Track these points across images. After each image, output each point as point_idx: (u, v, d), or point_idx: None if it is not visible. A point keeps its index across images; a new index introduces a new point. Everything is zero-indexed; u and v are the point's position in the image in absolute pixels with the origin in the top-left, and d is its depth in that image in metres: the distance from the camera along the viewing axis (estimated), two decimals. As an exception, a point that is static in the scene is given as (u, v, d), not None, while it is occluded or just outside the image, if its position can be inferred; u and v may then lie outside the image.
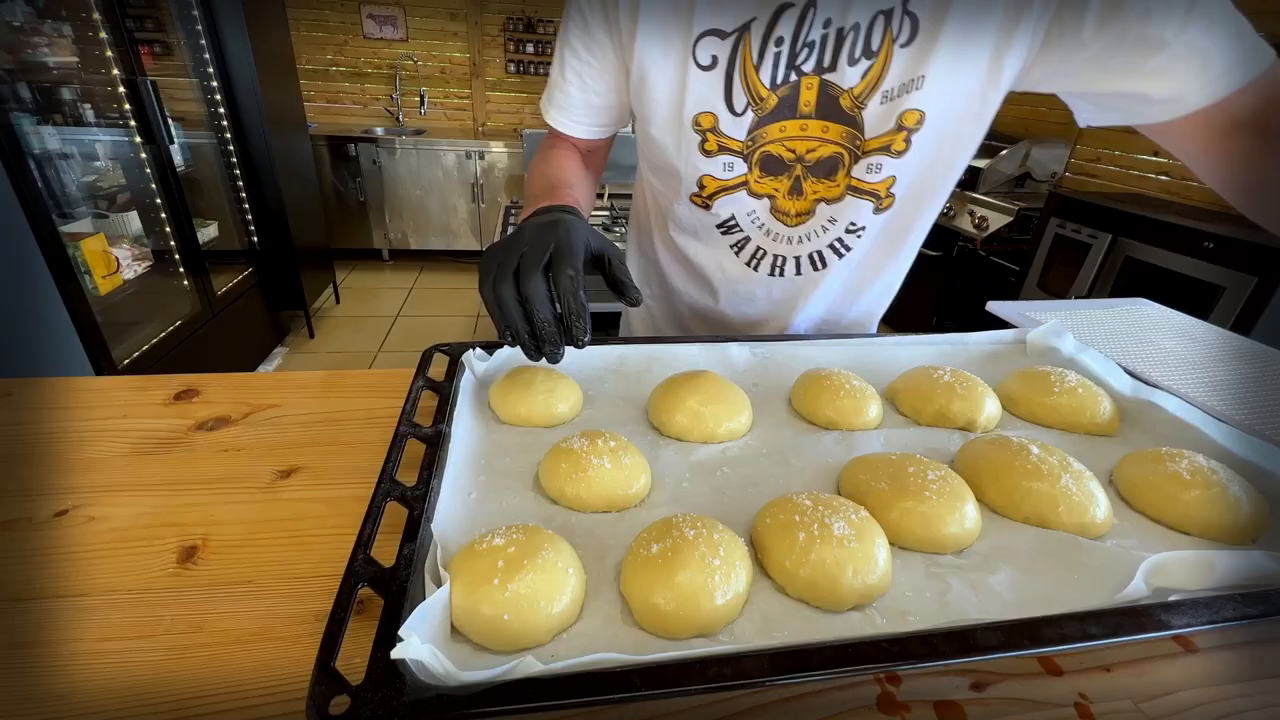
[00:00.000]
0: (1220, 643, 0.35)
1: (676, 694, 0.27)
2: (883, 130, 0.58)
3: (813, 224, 0.64)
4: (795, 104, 0.57)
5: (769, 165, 0.61)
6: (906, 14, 0.52)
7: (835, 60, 0.55)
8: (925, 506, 0.40)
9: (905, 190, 0.62)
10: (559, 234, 0.45)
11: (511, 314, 0.43)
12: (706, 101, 0.58)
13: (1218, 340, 0.75)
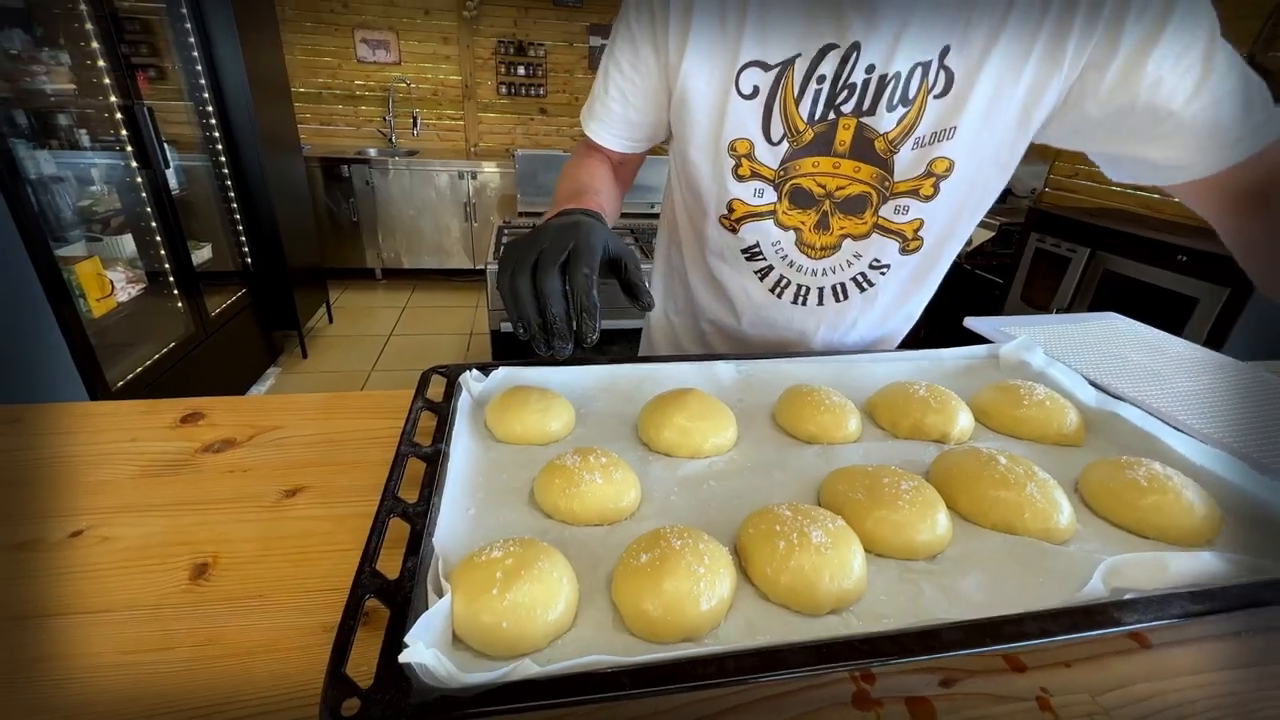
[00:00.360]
0: (1173, 639, 0.38)
1: (663, 692, 0.29)
2: (913, 175, 0.60)
3: (838, 258, 0.67)
4: (831, 141, 0.60)
5: (798, 198, 0.64)
6: (943, 68, 0.55)
7: (875, 105, 0.57)
8: (899, 515, 0.42)
9: (931, 235, 0.64)
10: (579, 234, 0.46)
11: (526, 306, 0.45)
12: (744, 128, 0.61)
13: (1182, 352, 0.78)
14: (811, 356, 0.66)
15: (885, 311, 0.73)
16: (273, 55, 2.68)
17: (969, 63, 0.54)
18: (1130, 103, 0.53)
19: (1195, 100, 0.51)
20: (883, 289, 0.69)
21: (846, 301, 0.70)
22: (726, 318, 0.76)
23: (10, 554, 0.39)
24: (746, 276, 0.71)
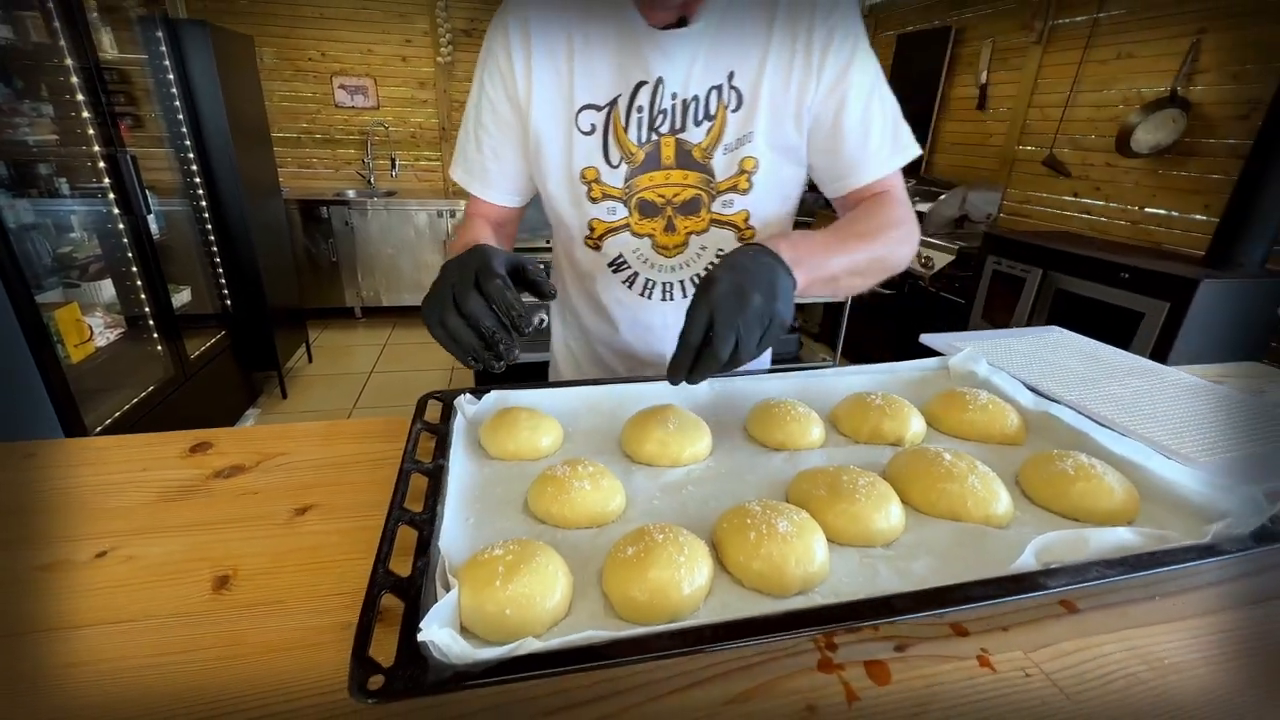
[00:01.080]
0: (1096, 604, 0.43)
1: (652, 658, 0.33)
2: (729, 174, 0.72)
3: (688, 254, 0.76)
4: (659, 158, 0.71)
5: (645, 209, 0.74)
6: (732, 88, 0.68)
7: (685, 123, 0.69)
8: (857, 508, 0.47)
9: (759, 222, 0.75)
10: (477, 258, 0.53)
11: (463, 337, 0.51)
12: (589, 158, 0.71)
13: (1114, 358, 0.86)
14: (778, 373, 0.72)
15: None
16: (253, 102, 2.75)
17: (750, 82, 0.67)
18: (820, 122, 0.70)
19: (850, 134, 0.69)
20: None
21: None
22: (610, 333, 0.83)
23: (39, 574, 0.42)
24: (617, 287, 0.79)
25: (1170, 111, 2.41)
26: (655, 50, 0.66)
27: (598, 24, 0.67)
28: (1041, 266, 2.24)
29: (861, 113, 0.68)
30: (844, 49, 0.66)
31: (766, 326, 0.52)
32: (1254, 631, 0.41)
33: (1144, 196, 2.58)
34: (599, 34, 0.67)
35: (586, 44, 0.67)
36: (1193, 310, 1.74)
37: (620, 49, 0.67)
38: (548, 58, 0.68)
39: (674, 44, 0.65)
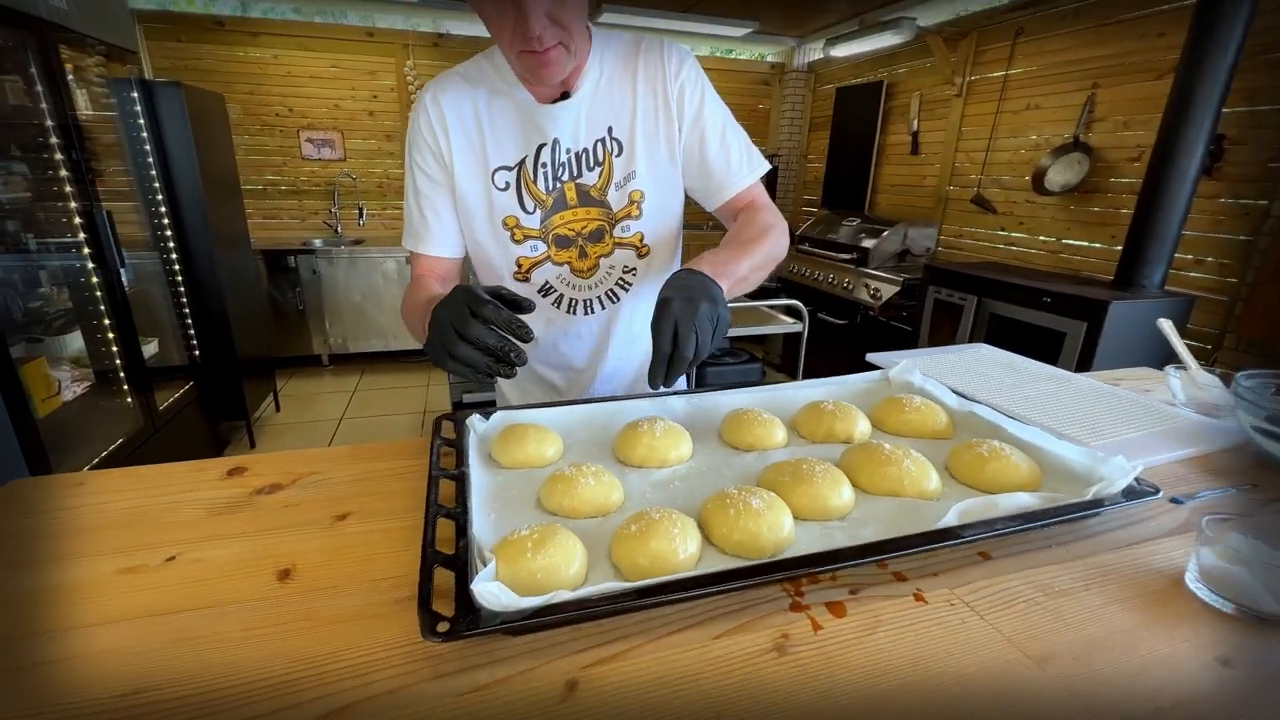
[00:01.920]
0: (1005, 553, 0.54)
1: (659, 604, 0.42)
2: (622, 206, 0.86)
3: (600, 274, 0.90)
4: (565, 201, 0.85)
5: (560, 242, 0.87)
6: (613, 139, 0.84)
7: (580, 170, 0.84)
8: (815, 489, 0.57)
9: (652, 240, 0.89)
10: (461, 294, 0.62)
11: (474, 360, 0.59)
12: (508, 209, 0.85)
13: (1029, 367, 1.00)
14: (746, 388, 0.83)
15: (647, 302, 0.94)
16: (225, 156, 2.81)
17: (626, 132, 0.84)
18: (690, 151, 0.86)
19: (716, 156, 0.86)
20: (638, 287, 0.92)
21: (618, 302, 0.93)
22: (548, 350, 0.94)
23: (120, 576, 0.48)
24: (547, 309, 0.92)
25: (1075, 155, 2.72)
26: (547, 119, 0.81)
27: (499, 102, 0.82)
28: (976, 294, 2.46)
29: (719, 144, 0.85)
30: (694, 98, 0.84)
31: (715, 324, 0.64)
32: (1123, 566, 0.52)
33: (1060, 229, 2.86)
34: (500, 110, 0.82)
35: (492, 118, 0.82)
36: (1106, 328, 1.95)
37: (520, 120, 0.82)
38: (461, 132, 0.82)
39: (561, 112, 0.80)
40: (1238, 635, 0.45)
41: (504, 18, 0.67)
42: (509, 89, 0.80)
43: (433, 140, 0.83)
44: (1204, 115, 1.95)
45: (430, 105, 0.82)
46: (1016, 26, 3.00)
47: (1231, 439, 0.77)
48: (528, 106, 0.80)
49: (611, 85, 0.83)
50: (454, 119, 0.82)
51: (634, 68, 0.83)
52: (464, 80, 0.83)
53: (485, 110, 0.82)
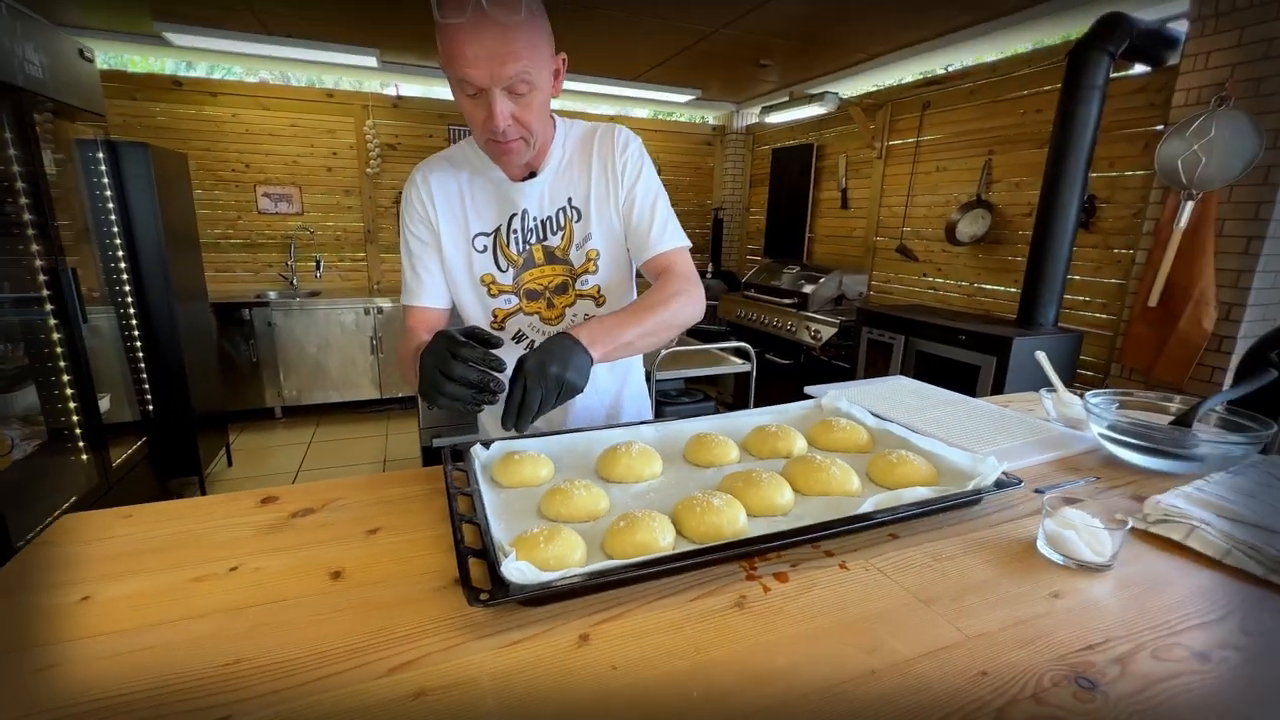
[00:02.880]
0: (909, 534, 0.69)
1: (648, 577, 0.55)
2: (581, 263, 1.01)
3: (565, 321, 1.04)
4: (534, 260, 1.01)
5: (530, 295, 1.02)
6: (573, 208, 1.00)
7: (546, 234, 1.00)
8: (763, 491, 0.72)
9: (608, 291, 1.04)
10: (441, 340, 0.74)
11: (461, 394, 0.71)
12: (485, 268, 1.00)
13: (934, 394, 1.20)
14: (703, 417, 0.98)
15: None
16: (185, 213, 2.85)
17: (583, 201, 0.99)
18: (624, 215, 1.01)
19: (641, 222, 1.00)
20: None
21: None
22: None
23: (193, 584, 0.57)
24: (518, 352, 1.03)
25: (979, 210, 3.09)
26: (518, 194, 0.97)
27: (478, 180, 0.98)
28: (904, 334, 2.73)
29: (647, 212, 1.00)
30: (633, 171, 1.00)
31: (560, 388, 0.73)
32: (993, 537, 0.69)
33: (972, 275, 3.22)
34: (480, 187, 0.98)
35: (473, 194, 0.98)
36: (1011, 362, 2.23)
37: (496, 194, 0.98)
38: (446, 205, 0.98)
39: (529, 188, 0.97)
40: (1067, 578, 0.61)
41: (478, 112, 0.82)
42: (486, 169, 0.97)
43: (422, 210, 0.98)
44: (1075, 180, 2.30)
45: (420, 183, 0.98)
46: (924, 100, 3.42)
47: (1087, 444, 0.97)
48: (502, 184, 0.97)
49: (572, 164, 1.00)
50: (440, 194, 0.98)
51: (590, 148, 1.00)
52: (449, 162, 0.99)
53: (467, 187, 0.99)
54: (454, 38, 0.76)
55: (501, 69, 0.77)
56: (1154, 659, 0.50)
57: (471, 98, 0.81)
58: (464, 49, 0.76)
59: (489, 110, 0.80)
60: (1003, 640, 0.52)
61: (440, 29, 0.77)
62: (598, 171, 1.00)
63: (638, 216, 1.00)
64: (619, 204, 1.00)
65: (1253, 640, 0.53)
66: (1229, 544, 0.65)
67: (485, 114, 0.81)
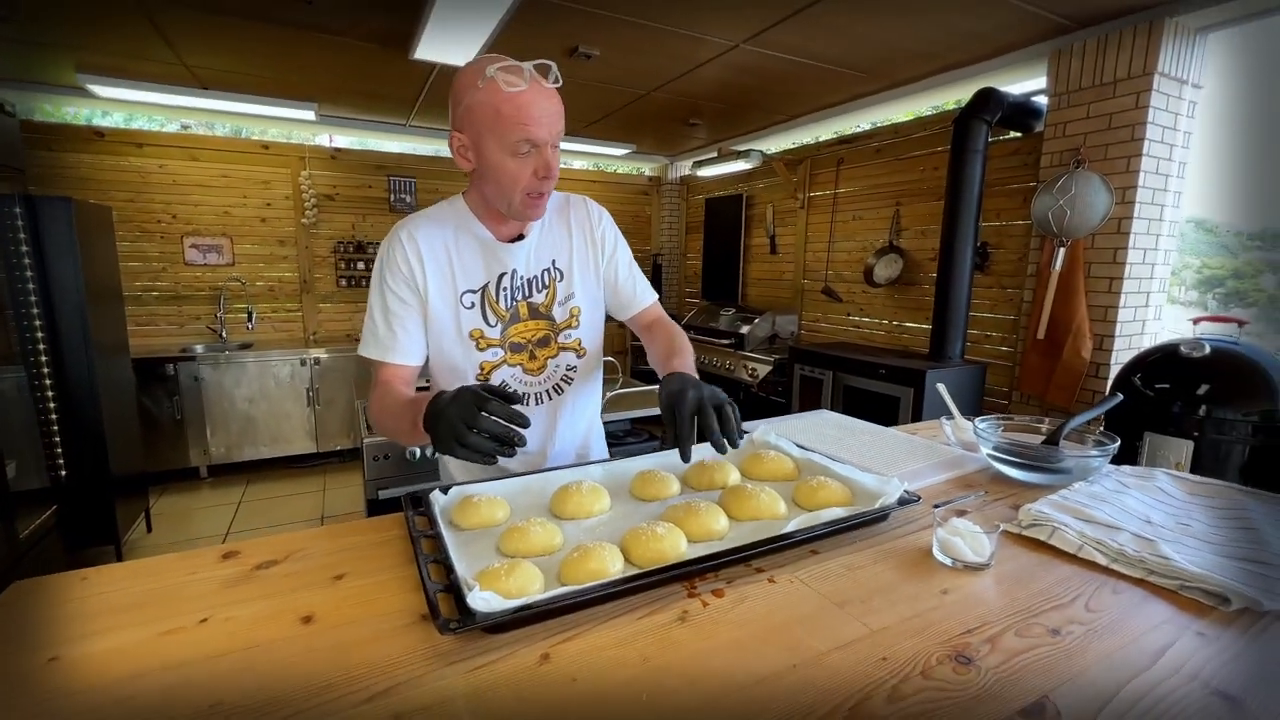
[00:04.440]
0: (828, 549, 0.79)
1: (599, 600, 0.62)
2: (564, 319, 1.11)
3: (547, 372, 1.13)
4: (520, 315, 1.08)
5: (516, 349, 1.09)
6: (557, 269, 1.10)
7: (531, 291, 1.09)
8: (701, 519, 0.81)
9: (588, 344, 1.15)
10: (469, 395, 0.79)
11: (484, 446, 0.76)
12: (474, 323, 1.06)
13: (854, 425, 1.33)
14: (647, 455, 1.06)
15: (583, 392, 1.19)
16: (109, 267, 2.74)
17: (565, 263, 1.10)
18: (608, 280, 1.16)
19: (625, 284, 1.17)
20: (577, 381, 1.16)
21: (561, 395, 1.15)
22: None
23: (164, 636, 0.59)
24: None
25: (892, 255, 3.40)
26: (507, 254, 1.05)
27: (465, 239, 1.04)
28: (832, 369, 2.93)
29: (627, 275, 1.16)
30: (611, 241, 1.14)
31: (724, 402, 0.86)
32: (898, 548, 0.80)
33: (890, 313, 3.50)
34: (466, 245, 1.04)
35: (460, 252, 1.04)
36: (926, 392, 2.44)
37: (483, 254, 1.05)
38: (434, 263, 1.02)
39: (518, 249, 1.06)
40: (954, 577, 0.73)
41: (524, 168, 0.92)
42: (472, 229, 1.04)
43: (407, 270, 1.01)
44: (968, 229, 2.60)
45: (406, 241, 1.01)
46: (838, 157, 3.77)
47: (979, 464, 1.12)
48: (490, 243, 1.04)
49: (552, 229, 1.10)
50: (429, 254, 1.02)
51: (566, 216, 1.11)
52: (433, 221, 1.04)
53: (454, 246, 1.04)
54: (519, 103, 0.87)
55: (555, 126, 0.92)
56: (1017, 636, 0.61)
57: (522, 156, 0.91)
58: (530, 111, 0.88)
59: (543, 162, 0.92)
60: (900, 631, 0.62)
61: (503, 98, 0.87)
62: (578, 238, 1.11)
63: (621, 280, 1.16)
64: (599, 269, 1.13)
65: (1095, 616, 0.65)
66: (1081, 540, 0.79)
67: (535, 167, 0.92)
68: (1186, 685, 0.54)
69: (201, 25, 2.52)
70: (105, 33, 2.61)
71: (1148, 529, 0.82)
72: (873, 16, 2.29)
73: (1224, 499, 0.94)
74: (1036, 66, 2.60)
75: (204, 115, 3.93)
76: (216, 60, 2.95)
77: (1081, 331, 2.36)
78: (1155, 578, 0.72)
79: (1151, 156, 2.24)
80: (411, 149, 4.54)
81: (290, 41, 2.67)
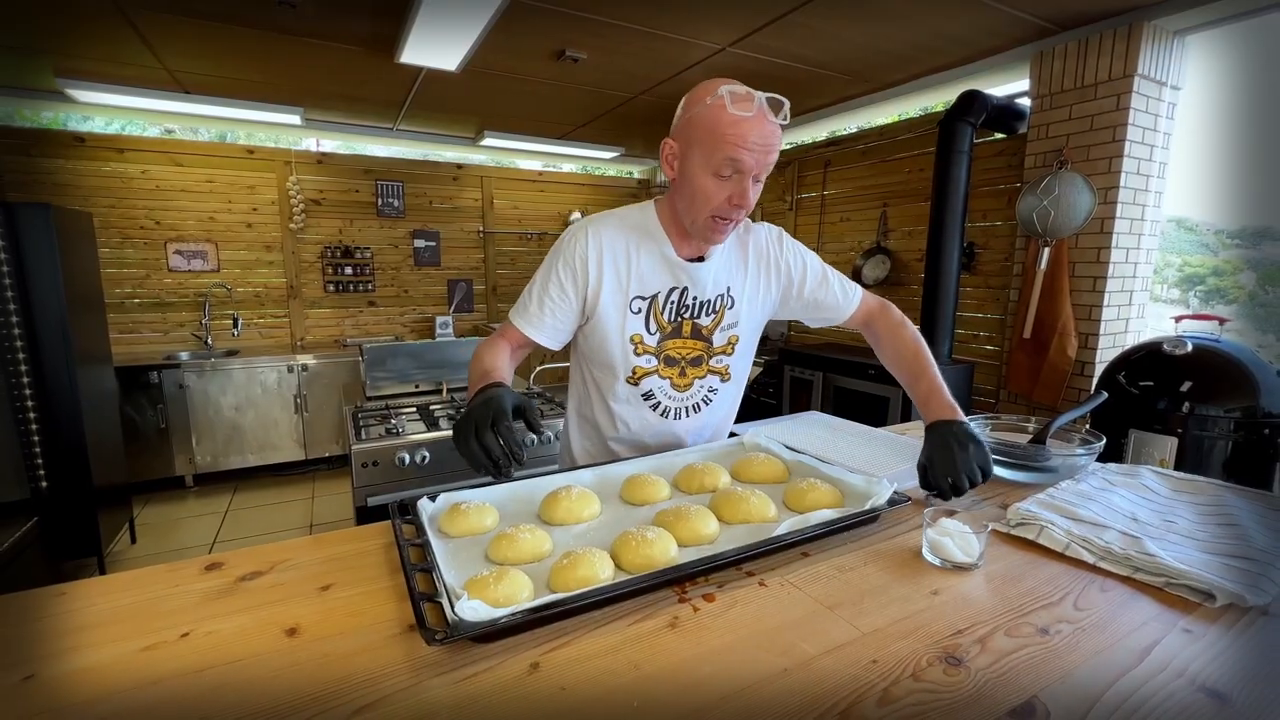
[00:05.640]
0: (818, 551, 0.79)
1: (588, 606, 0.61)
2: (721, 344, 1.13)
3: (692, 391, 1.14)
4: (681, 331, 1.10)
5: (669, 362, 1.11)
6: (730, 296, 1.12)
7: (699, 313, 1.10)
8: (691, 523, 0.80)
9: (735, 372, 1.17)
10: (494, 404, 0.82)
11: (480, 460, 0.78)
12: (636, 329, 1.08)
13: (843, 426, 1.34)
14: (637, 459, 1.06)
15: (720, 414, 1.22)
16: (90, 275, 2.70)
17: (739, 292, 1.12)
18: (806, 304, 1.19)
19: (828, 299, 1.18)
20: (717, 402, 1.19)
21: (699, 414, 1.18)
22: (628, 435, 1.16)
23: (144, 653, 0.58)
24: (644, 410, 1.14)
25: (880, 256, 3.42)
26: (683, 272, 1.07)
27: (647, 247, 1.07)
28: (821, 370, 2.95)
29: (827, 285, 1.17)
30: (798, 267, 1.15)
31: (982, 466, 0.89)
32: (889, 549, 0.80)
33: (879, 314, 3.52)
34: (647, 254, 1.07)
35: (639, 260, 1.06)
36: (915, 392, 2.46)
37: (662, 265, 1.07)
38: (613, 266, 1.05)
39: (698, 271, 1.07)
40: (944, 578, 0.73)
41: (721, 191, 0.93)
42: (655, 239, 1.06)
43: (582, 269, 1.04)
44: (954, 229, 2.63)
45: (590, 239, 1.04)
46: (825, 159, 3.79)
47: (967, 464, 1.12)
48: (670, 258, 1.06)
49: (730, 255, 1.11)
50: (609, 257, 1.05)
51: (745, 244, 1.12)
52: (621, 224, 1.07)
53: (635, 253, 1.06)
54: (739, 126, 0.88)
55: (766, 158, 0.92)
56: (1007, 636, 0.61)
57: (724, 178, 0.92)
58: (748, 137, 0.89)
59: (739, 190, 0.93)
60: (891, 633, 0.62)
61: (727, 118, 0.89)
62: (754, 267, 1.12)
63: (824, 294, 1.17)
64: (770, 299, 1.15)
65: (1083, 614, 0.66)
66: (1069, 538, 0.79)
67: (731, 193, 0.93)
68: (1174, 682, 0.55)
69: (182, 29, 2.49)
70: (84, 37, 2.58)
71: (1134, 526, 0.83)
72: (858, 21, 2.30)
73: (1208, 495, 0.95)
74: (1019, 69, 2.63)
75: (187, 120, 3.89)
76: (199, 64, 2.92)
77: (1067, 330, 2.39)
78: (1141, 575, 0.72)
79: (1133, 157, 2.27)
80: (398, 153, 4.51)
81: (274, 45, 2.64)
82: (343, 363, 3.88)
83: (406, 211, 4.49)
